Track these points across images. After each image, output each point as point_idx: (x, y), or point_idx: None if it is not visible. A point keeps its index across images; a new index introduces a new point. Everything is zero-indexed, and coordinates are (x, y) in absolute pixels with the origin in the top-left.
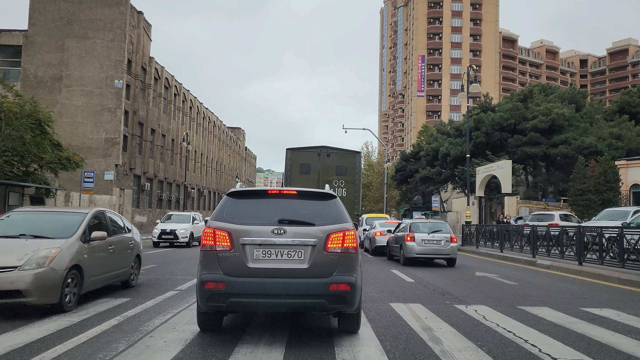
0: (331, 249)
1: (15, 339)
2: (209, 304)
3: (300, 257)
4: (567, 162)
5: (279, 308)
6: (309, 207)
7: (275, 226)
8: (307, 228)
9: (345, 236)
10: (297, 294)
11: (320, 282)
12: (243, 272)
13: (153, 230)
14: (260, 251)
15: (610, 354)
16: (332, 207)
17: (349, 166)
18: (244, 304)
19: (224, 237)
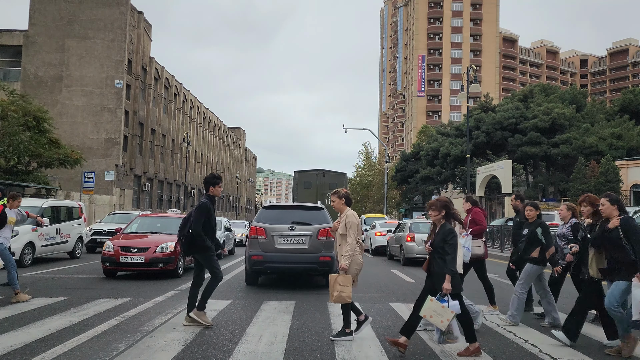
0: (320, 238)
1: (16, 339)
2: (254, 268)
3: (303, 242)
4: (567, 162)
5: (291, 270)
6: (308, 214)
7: (289, 225)
8: (307, 226)
9: (327, 231)
10: (301, 262)
11: (314, 255)
12: (272, 250)
13: None
14: (281, 239)
15: (610, 354)
16: (321, 214)
17: (338, 183)
18: (273, 267)
19: (261, 231)
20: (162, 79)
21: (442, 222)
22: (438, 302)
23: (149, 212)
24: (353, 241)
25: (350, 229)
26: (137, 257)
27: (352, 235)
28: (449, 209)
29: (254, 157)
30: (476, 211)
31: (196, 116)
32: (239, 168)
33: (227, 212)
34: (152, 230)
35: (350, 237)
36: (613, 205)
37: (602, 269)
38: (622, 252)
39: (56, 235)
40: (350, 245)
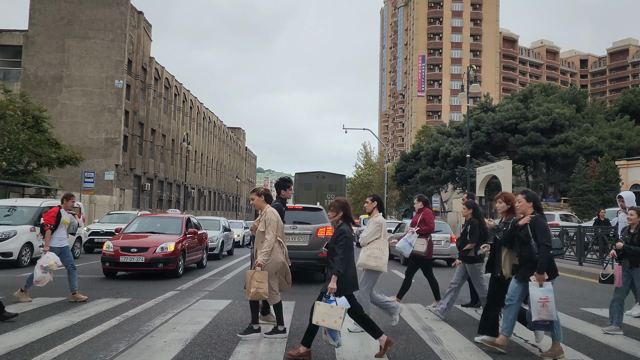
0: (319, 236)
1: (16, 339)
2: None
3: (304, 240)
4: (567, 162)
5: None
6: (308, 214)
7: (291, 224)
8: (307, 225)
9: (325, 229)
10: (302, 258)
11: (313, 252)
12: None
13: None
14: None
15: (610, 354)
16: (320, 214)
17: (337, 184)
18: None
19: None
20: (162, 79)
21: (340, 223)
22: (326, 303)
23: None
24: (272, 238)
25: (269, 226)
26: (137, 257)
27: (270, 232)
28: (347, 210)
29: (254, 157)
30: (427, 212)
31: (196, 116)
32: (239, 168)
33: (227, 212)
34: (152, 230)
35: (269, 234)
36: (529, 202)
37: (514, 266)
38: (528, 250)
39: None
40: (269, 242)
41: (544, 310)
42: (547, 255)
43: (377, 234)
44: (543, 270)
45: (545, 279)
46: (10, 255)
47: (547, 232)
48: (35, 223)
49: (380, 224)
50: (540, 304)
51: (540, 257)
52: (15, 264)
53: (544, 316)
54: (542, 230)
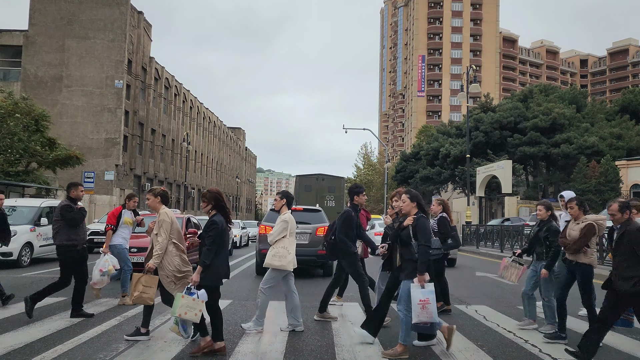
0: (318, 235)
1: (16, 339)
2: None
3: (304, 238)
4: (567, 162)
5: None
6: (308, 215)
7: None
8: (307, 225)
9: (324, 229)
10: (303, 255)
11: (313, 249)
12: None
13: None
14: None
15: (610, 354)
16: (319, 215)
17: (336, 186)
18: None
19: (270, 229)
20: (162, 79)
21: (212, 214)
22: (188, 296)
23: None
24: (164, 240)
25: (162, 227)
26: (137, 257)
27: (162, 234)
28: (219, 201)
29: (254, 157)
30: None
31: (196, 116)
32: (238, 168)
33: None
34: None
35: (161, 237)
36: (413, 202)
37: (398, 267)
38: (409, 250)
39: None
40: (161, 244)
41: (424, 312)
42: (426, 255)
43: (284, 233)
44: (424, 271)
45: (427, 280)
46: (10, 255)
47: (427, 233)
48: (35, 223)
49: (288, 222)
50: (420, 305)
51: (420, 257)
52: (15, 264)
53: (423, 318)
54: (422, 230)
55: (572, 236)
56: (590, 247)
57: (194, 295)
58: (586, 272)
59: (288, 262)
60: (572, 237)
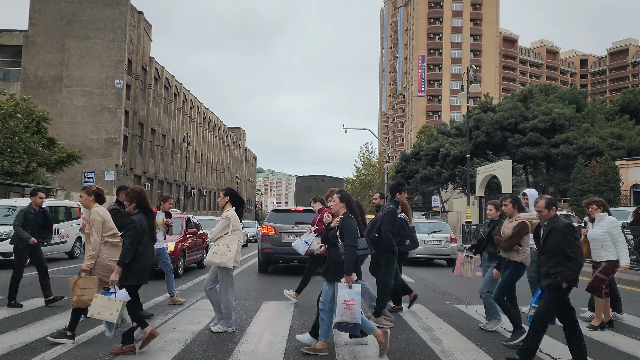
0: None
1: (16, 339)
2: (265, 258)
3: None
4: (567, 162)
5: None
6: (308, 215)
7: (293, 224)
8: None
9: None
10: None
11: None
12: (280, 244)
13: None
14: (287, 235)
15: (610, 354)
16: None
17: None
18: (280, 258)
19: (272, 229)
20: (162, 79)
21: (134, 213)
22: (104, 295)
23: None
24: (96, 240)
25: (93, 227)
26: None
27: (94, 234)
28: (142, 200)
29: (254, 157)
30: (324, 211)
31: (196, 116)
32: (238, 168)
33: None
34: None
35: (93, 236)
36: (342, 202)
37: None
38: (335, 251)
39: (55, 236)
40: (93, 245)
41: (347, 312)
42: (353, 256)
43: (226, 230)
44: (350, 271)
45: (354, 280)
46: (10, 255)
47: (353, 233)
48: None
49: (230, 219)
50: (345, 305)
51: (346, 257)
52: None
53: (346, 318)
54: (348, 230)
55: (506, 234)
56: (522, 246)
57: (111, 295)
58: (515, 270)
59: (229, 259)
60: (506, 235)
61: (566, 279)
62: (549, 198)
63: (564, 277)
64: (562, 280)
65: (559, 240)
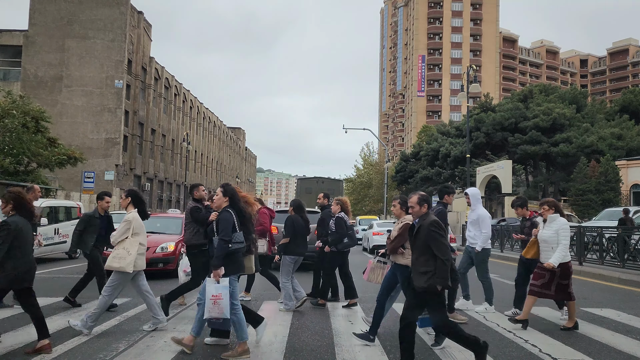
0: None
1: (15, 339)
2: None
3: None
4: (567, 162)
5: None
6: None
7: None
8: None
9: None
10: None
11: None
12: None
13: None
14: None
15: (610, 354)
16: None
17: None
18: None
19: (274, 228)
20: (162, 79)
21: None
22: None
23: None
24: None
25: None
26: None
27: None
28: (20, 200)
29: (253, 157)
30: (261, 212)
31: (196, 116)
32: (238, 168)
33: None
34: (152, 230)
35: None
36: (225, 197)
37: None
38: (213, 246)
39: (55, 235)
40: None
41: (215, 307)
42: (223, 250)
43: (127, 233)
44: (218, 265)
45: (222, 274)
46: None
47: (228, 226)
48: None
49: (131, 222)
50: (212, 301)
51: (216, 251)
52: None
53: (214, 314)
54: (222, 224)
55: (393, 236)
56: (407, 248)
57: None
58: (404, 274)
59: (127, 263)
60: (392, 237)
61: (438, 282)
62: (421, 194)
63: (436, 281)
64: (435, 284)
65: (425, 237)
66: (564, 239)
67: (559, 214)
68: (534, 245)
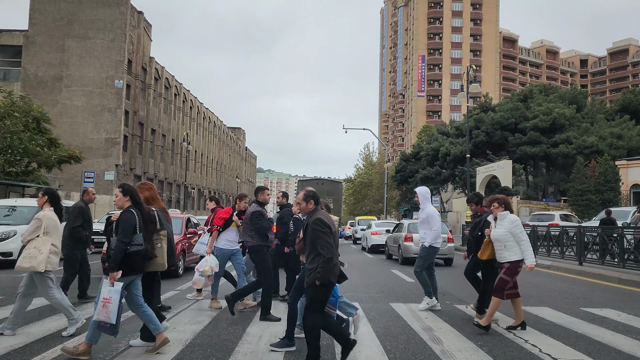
0: None
1: (15, 339)
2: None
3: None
4: (567, 162)
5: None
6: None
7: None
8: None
9: None
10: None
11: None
12: None
13: None
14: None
15: (610, 354)
16: None
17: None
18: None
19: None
20: (162, 79)
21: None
22: None
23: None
24: None
25: None
26: None
27: None
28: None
29: (253, 157)
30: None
31: (196, 116)
32: (238, 168)
33: None
34: None
35: None
36: (125, 196)
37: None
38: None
39: None
40: None
41: (104, 310)
42: (121, 252)
43: (37, 232)
44: (114, 268)
45: (117, 277)
46: (10, 255)
47: (127, 228)
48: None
49: (42, 220)
50: (102, 303)
51: (113, 253)
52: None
53: (102, 317)
54: (122, 224)
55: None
56: None
57: None
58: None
59: (39, 262)
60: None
61: (318, 277)
62: (308, 190)
63: (316, 276)
64: (314, 279)
65: (310, 235)
66: (522, 234)
67: (509, 211)
68: (488, 246)
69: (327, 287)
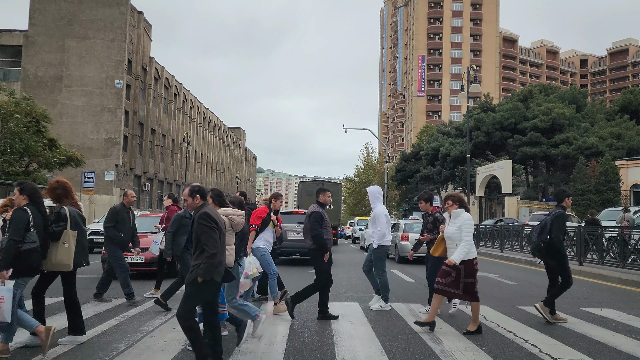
0: None
1: (16, 339)
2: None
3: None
4: (567, 162)
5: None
6: None
7: (296, 224)
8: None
9: None
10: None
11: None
12: (285, 240)
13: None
14: (290, 233)
15: (610, 354)
16: None
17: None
18: (285, 252)
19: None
20: (162, 79)
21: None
22: None
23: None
24: None
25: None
26: (137, 257)
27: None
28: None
29: (253, 157)
30: (172, 209)
31: (196, 116)
32: (238, 168)
33: None
34: (152, 230)
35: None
36: (22, 195)
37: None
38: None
39: None
40: None
41: None
42: (12, 250)
43: None
44: (4, 266)
45: (8, 276)
46: None
47: (18, 225)
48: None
49: None
50: None
51: (4, 252)
52: None
53: None
54: (13, 222)
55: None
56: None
57: None
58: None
59: None
60: None
61: (200, 273)
62: (193, 185)
63: (198, 272)
64: (196, 275)
65: (195, 229)
66: (467, 234)
67: (464, 209)
68: (441, 243)
69: (210, 286)
